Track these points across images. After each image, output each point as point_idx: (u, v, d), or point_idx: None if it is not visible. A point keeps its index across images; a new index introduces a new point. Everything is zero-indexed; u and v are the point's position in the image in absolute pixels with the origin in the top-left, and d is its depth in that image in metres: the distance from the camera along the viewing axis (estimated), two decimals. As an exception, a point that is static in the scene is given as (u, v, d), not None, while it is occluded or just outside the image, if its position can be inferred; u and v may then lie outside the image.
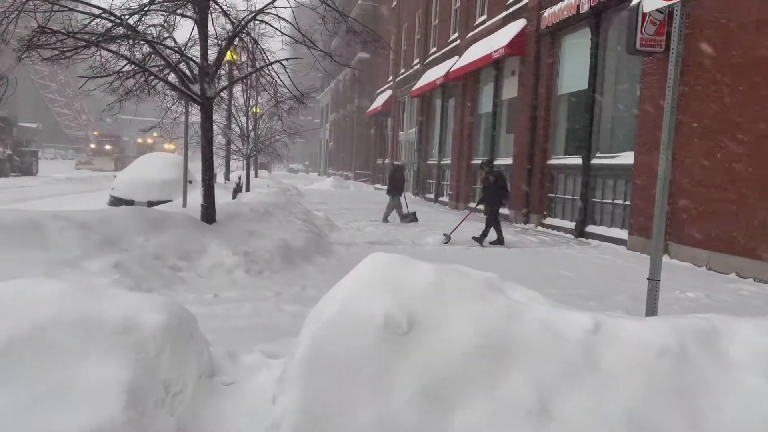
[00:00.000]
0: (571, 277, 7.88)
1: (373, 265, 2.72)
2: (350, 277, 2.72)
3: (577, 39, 13.09)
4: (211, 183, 8.65)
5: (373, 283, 2.59)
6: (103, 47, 7.60)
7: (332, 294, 2.71)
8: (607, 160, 11.72)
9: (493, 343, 2.43)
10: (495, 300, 2.61)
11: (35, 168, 35.04)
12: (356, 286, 2.63)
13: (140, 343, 2.38)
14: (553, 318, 2.55)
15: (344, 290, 2.64)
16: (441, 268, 2.76)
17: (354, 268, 2.90)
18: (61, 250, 5.81)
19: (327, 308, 2.58)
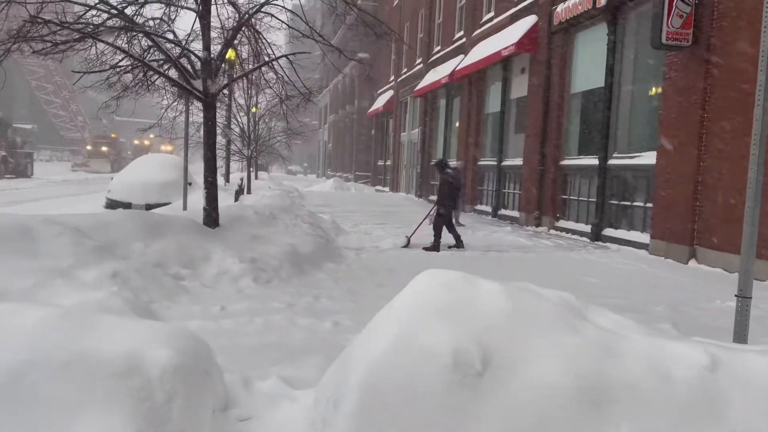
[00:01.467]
0: (598, 284, 7.39)
1: (430, 284, 2.23)
2: (403, 300, 2.23)
3: (592, 35, 12.61)
4: (214, 185, 8.15)
5: (434, 309, 2.10)
6: (98, 39, 7.09)
7: (382, 322, 2.22)
8: (626, 161, 11.24)
9: (589, 385, 1.94)
10: (583, 329, 2.12)
11: (30, 170, 34.44)
12: (412, 312, 2.13)
13: (146, 387, 1.88)
14: (658, 352, 2.06)
15: (398, 318, 2.14)
16: (512, 288, 2.26)
17: (406, 289, 2.40)
18: (53, 257, 5.30)
19: (378, 342, 2.09)
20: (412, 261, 8.82)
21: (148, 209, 13.66)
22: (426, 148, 24.36)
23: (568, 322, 2.15)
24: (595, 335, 2.12)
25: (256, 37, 8.44)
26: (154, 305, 5.21)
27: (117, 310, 4.27)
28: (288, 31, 10.74)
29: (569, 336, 2.08)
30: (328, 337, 4.73)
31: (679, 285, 7.51)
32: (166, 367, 1.95)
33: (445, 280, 2.29)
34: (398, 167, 30.03)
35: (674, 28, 9.05)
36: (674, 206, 9.45)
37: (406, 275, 7.54)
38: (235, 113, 16.71)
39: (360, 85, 39.65)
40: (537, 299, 2.26)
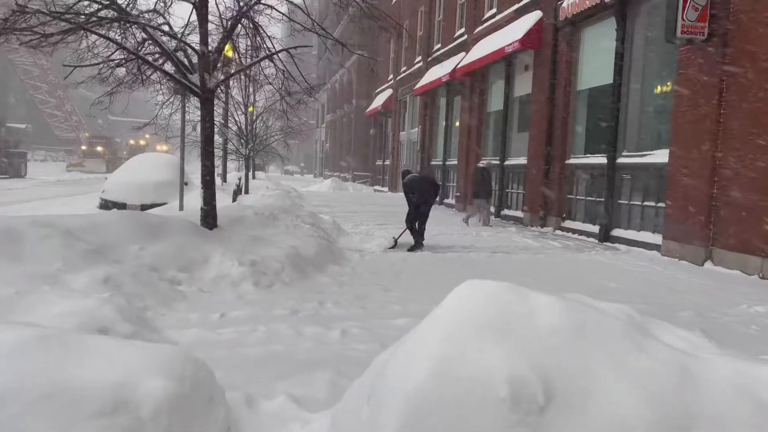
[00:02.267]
0: (617, 288, 7.06)
1: (474, 297, 1.89)
2: (443, 315, 1.88)
3: (600, 30, 12.30)
4: (212, 184, 7.79)
5: (481, 327, 1.76)
6: (90, 30, 6.73)
7: (419, 341, 1.87)
8: (636, 159, 10.92)
9: (671, 418, 1.60)
10: (653, 349, 1.79)
11: (24, 170, 33.94)
12: (455, 329, 1.79)
13: (137, 427, 1.53)
14: (744, 376, 1.73)
15: (439, 336, 1.80)
16: (568, 302, 1.92)
17: (445, 302, 2.05)
18: (40, 262, 4.94)
19: (416, 367, 1.74)
20: (419, 263, 8.49)
21: (143, 210, 13.30)
22: (426, 147, 24.03)
23: (635, 341, 1.82)
24: (668, 357, 1.79)
25: (256, 30, 8.08)
26: (149, 313, 4.86)
27: (108, 320, 3.93)
28: (286, 24, 10.40)
29: (640, 358, 1.75)
30: (336, 347, 4.39)
31: (699, 288, 7.19)
32: (161, 402, 1.62)
33: (490, 291, 1.95)
34: (397, 167, 29.67)
35: (689, 21, 8.74)
36: (689, 206, 9.13)
37: (414, 278, 7.24)
38: (232, 111, 16.32)
39: (358, 84, 39.31)
40: (598, 314, 1.93)
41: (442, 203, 21.70)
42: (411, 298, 6.09)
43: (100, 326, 3.76)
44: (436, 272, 7.80)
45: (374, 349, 4.34)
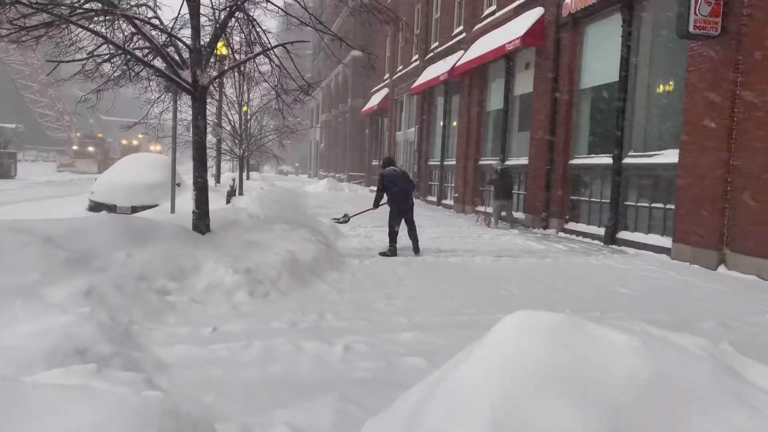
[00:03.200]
0: (630, 294, 6.71)
1: (529, 336, 1.52)
2: (490, 354, 1.51)
3: (605, 26, 11.96)
4: (205, 186, 7.40)
5: (542, 378, 1.39)
6: (75, 23, 6.32)
7: (462, 393, 1.48)
8: (643, 159, 10.58)
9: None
10: (752, 399, 1.41)
11: (14, 170, 33.35)
12: (512, 383, 1.41)
13: None
14: None
15: (490, 392, 1.41)
16: (644, 340, 1.55)
17: (492, 336, 1.67)
18: (15, 272, 4.53)
19: (463, 428, 1.35)
20: (422, 269, 8.11)
21: (133, 212, 12.88)
22: (423, 147, 23.66)
23: (731, 390, 1.46)
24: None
25: (251, 24, 7.68)
26: (135, 327, 4.47)
27: (86, 339, 3.53)
28: (281, 19, 10.00)
29: (739, 413, 1.39)
30: (340, 367, 4.00)
31: (716, 295, 6.84)
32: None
33: (549, 327, 1.58)
34: (394, 167, 29.27)
35: (702, 16, 8.40)
36: (700, 208, 8.80)
37: (418, 285, 6.84)
38: (225, 110, 15.89)
39: (353, 83, 38.91)
40: (680, 355, 1.57)
41: (440, 204, 21.36)
42: (417, 308, 5.71)
43: (77, 347, 3.36)
44: (441, 278, 7.43)
45: (381, 368, 3.97)
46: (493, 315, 5.54)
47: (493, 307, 5.81)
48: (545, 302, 6.08)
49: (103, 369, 2.91)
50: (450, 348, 4.43)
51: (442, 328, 5.00)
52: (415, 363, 4.06)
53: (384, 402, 3.44)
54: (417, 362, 4.08)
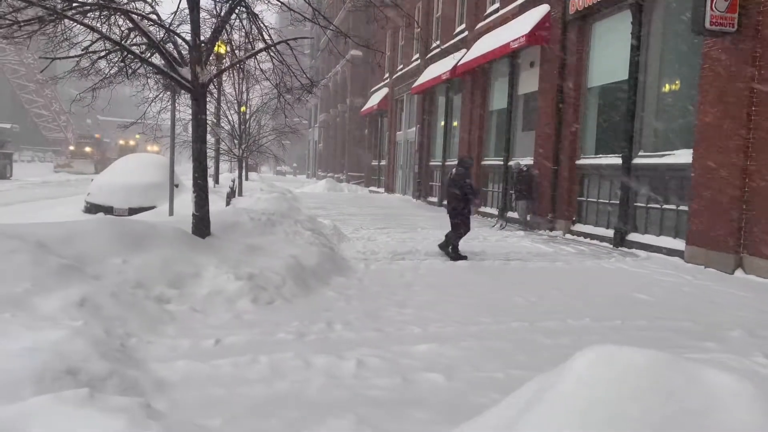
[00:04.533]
0: (651, 301, 6.43)
1: (613, 379, 1.22)
2: (571, 410, 1.21)
3: (613, 23, 11.69)
4: (205, 187, 7.11)
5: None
6: (69, 18, 6.02)
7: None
8: (654, 160, 10.31)
9: None
10: None
11: (9, 171, 32.97)
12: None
13: None
14: None
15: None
16: (753, 385, 1.26)
17: (569, 381, 1.38)
18: (3, 282, 4.24)
19: None
20: (430, 274, 7.83)
21: (131, 214, 12.58)
22: (424, 147, 23.37)
23: None
24: None
25: (253, 19, 7.39)
26: (132, 340, 4.18)
27: (79, 357, 3.24)
28: (280, 15, 9.72)
29: None
30: (353, 383, 3.72)
31: (737, 301, 6.58)
32: None
33: (640, 368, 1.29)
34: (393, 167, 29.02)
35: (719, 11, 8.14)
36: (716, 210, 8.54)
37: (428, 292, 6.53)
38: (225, 109, 15.58)
39: (352, 82, 38.61)
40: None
41: (441, 205, 21.07)
42: (430, 317, 5.43)
43: (69, 366, 3.07)
44: (450, 284, 7.15)
45: (397, 386, 3.69)
46: (509, 324, 5.28)
47: (509, 316, 5.53)
48: (564, 311, 5.80)
49: (97, 394, 2.62)
50: (468, 363, 4.17)
51: (457, 339, 4.73)
52: (434, 380, 3.79)
53: (405, 425, 3.17)
54: (435, 379, 3.80)
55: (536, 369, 3.92)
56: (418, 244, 10.54)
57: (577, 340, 4.76)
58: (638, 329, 5.26)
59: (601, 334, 5.00)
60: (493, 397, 3.46)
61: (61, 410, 2.41)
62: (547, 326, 5.22)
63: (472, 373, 3.95)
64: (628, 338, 4.86)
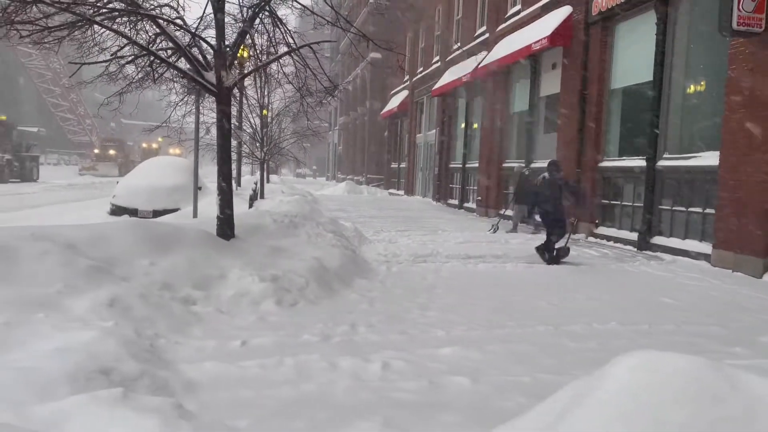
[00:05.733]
0: (677, 306, 6.34)
1: (655, 391, 1.21)
2: (606, 422, 1.19)
3: (637, 24, 11.57)
4: (229, 190, 7.18)
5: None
6: (98, 23, 6.13)
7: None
8: (680, 162, 10.17)
9: None
10: None
11: (36, 174, 33.67)
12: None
13: None
14: None
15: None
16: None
17: (602, 390, 1.37)
18: (36, 283, 4.33)
19: None
20: (452, 276, 7.81)
21: (155, 216, 12.75)
22: (444, 149, 23.34)
23: None
24: None
25: (276, 23, 7.45)
26: (161, 341, 4.23)
27: (110, 357, 3.29)
28: (301, 19, 9.79)
29: None
30: (379, 386, 3.72)
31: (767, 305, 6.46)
32: None
33: (683, 376, 1.27)
34: (413, 170, 29.03)
35: (746, 12, 8.01)
36: (745, 213, 8.39)
37: (451, 294, 6.52)
38: (247, 112, 15.73)
39: (372, 85, 38.71)
40: None
41: (461, 207, 21.03)
42: (454, 320, 5.42)
43: (102, 367, 3.13)
44: (473, 287, 7.13)
45: (424, 389, 3.69)
46: (534, 328, 5.25)
47: (533, 320, 5.50)
48: (590, 314, 5.75)
49: (130, 393, 2.67)
50: (494, 366, 4.15)
51: (482, 342, 4.71)
52: (460, 383, 3.78)
53: (432, 428, 3.17)
54: (461, 382, 3.79)
55: (563, 373, 3.91)
56: (439, 247, 10.52)
57: (604, 345, 4.72)
58: (666, 334, 5.19)
59: (629, 338, 4.95)
60: (520, 401, 3.44)
61: (96, 409, 2.46)
62: (573, 330, 5.18)
63: (498, 376, 3.93)
64: (656, 343, 4.80)
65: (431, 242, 11.33)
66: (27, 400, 2.61)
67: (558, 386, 2.17)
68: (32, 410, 2.51)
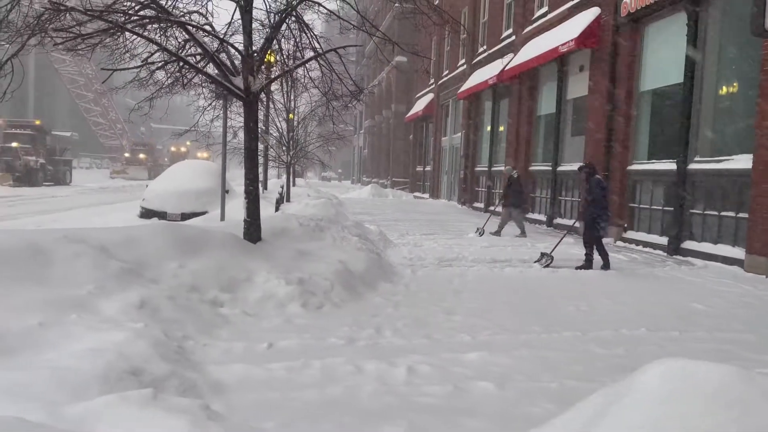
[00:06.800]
0: (709, 312, 6.21)
1: (685, 399, 1.19)
2: (635, 430, 1.18)
3: (667, 26, 11.38)
4: (256, 194, 7.26)
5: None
6: (130, 31, 6.27)
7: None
8: (711, 165, 9.97)
9: None
10: None
11: (69, 177, 34.47)
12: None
13: None
14: None
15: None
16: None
17: (631, 397, 1.35)
18: (69, 284, 4.43)
19: None
20: (477, 280, 7.77)
21: (183, 219, 12.95)
22: (470, 152, 23.23)
23: None
24: None
25: (303, 28, 7.52)
26: (189, 342, 4.29)
27: (141, 358, 3.36)
28: (327, 24, 9.87)
29: None
30: (404, 390, 3.72)
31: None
32: None
33: (712, 384, 1.25)
34: (438, 173, 28.96)
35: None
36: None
37: (477, 298, 6.49)
38: (273, 116, 15.88)
39: (397, 89, 38.76)
40: None
41: (487, 210, 20.89)
42: (479, 324, 5.39)
43: (132, 367, 3.19)
44: (499, 291, 7.08)
45: (449, 394, 3.68)
46: (561, 333, 5.19)
47: (560, 325, 5.44)
48: (618, 320, 5.67)
49: (160, 394, 2.71)
50: (520, 372, 4.12)
51: (508, 348, 4.68)
52: (486, 388, 3.76)
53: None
54: (487, 387, 3.77)
55: (591, 380, 3.86)
56: (464, 251, 10.47)
57: (632, 351, 4.65)
58: (697, 341, 5.08)
59: (658, 345, 4.86)
60: (547, 408, 3.41)
61: (127, 409, 2.50)
62: (601, 336, 5.11)
63: (525, 382, 3.90)
64: (686, 350, 4.71)
65: (457, 246, 11.27)
66: (60, 400, 2.67)
67: (586, 393, 2.15)
68: (65, 409, 2.57)
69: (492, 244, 11.66)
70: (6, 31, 5.87)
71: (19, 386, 2.80)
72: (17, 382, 2.83)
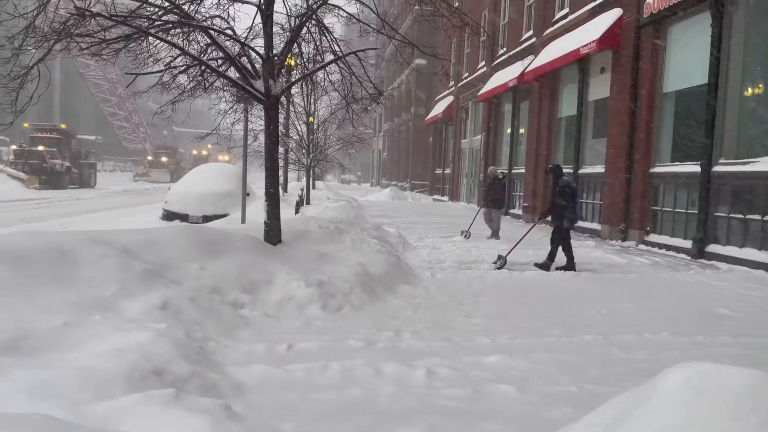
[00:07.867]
0: (733, 316, 6.11)
1: (710, 404, 1.17)
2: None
3: (691, 26, 11.23)
4: (277, 196, 7.31)
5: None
6: (153, 35, 6.36)
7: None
8: (737, 167, 9.80)
9: None
10: None
11: (93, 180, 35.07)
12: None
13: None
14: None
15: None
16: None
17: (653, 403, 1.34)
18: (93, 285, 4.51)
19: None
20: (497, 283, 7.73)
21: (205, 221, 13.08)
22: (490, 155, 23.13)
23: None
24: None
25: (323, 32, 7.57)
26: (210, 343, 4.34)
27: (163, 358, 3.40)
28: (347, 27, 9.91)
29: None
30: (423, 392, 3.72)
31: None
32: None
33: (737, 388, 1.23)
34: (458, 176, 28.88)
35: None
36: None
37: (496, 302, 6.45)
38: (293, 120, 15.99)
39: (417, 91, 38.77)
40: None
41: (507, 214, 20.78)
42: (498, 327, 5.36)
43: (155, 367, 3.23)
44: (519, 294, 7.04)
45: (468, 397, 3.67)
46: (582, 337, 5.14)
47: (580, 329, 5.39)
48: (640, 324, 5.60)
49: (182, 394, 2.75)
50: (540, 375, 4.09)
51: (528, 351, 4.64)
52: (505, 391, 3.74)
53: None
54: (507, 391, 3.75)
55: (612, 384, 3.82)
56: (483, 253, 10.42)
57: (654, 356, 4.59)
58: (722, 345, 5.00)
59: (681, 349, 4.79)
60: (566, 412, 3.38)
61: (150, 408, 2.54)
62: (622, 340, 5.05)
63: (545, 386, 3.87)
64: (710, 355, 4.63)
65: (476, 249, 11.23)
66: (85, 398, 2.72)
67: (606, 397, 2.13)
68: (90, 408, 2.62)
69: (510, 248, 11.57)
70: (33, 36, 5.99)
71: (45, 385, 2.86)
72: (43, 381, 2.89)
